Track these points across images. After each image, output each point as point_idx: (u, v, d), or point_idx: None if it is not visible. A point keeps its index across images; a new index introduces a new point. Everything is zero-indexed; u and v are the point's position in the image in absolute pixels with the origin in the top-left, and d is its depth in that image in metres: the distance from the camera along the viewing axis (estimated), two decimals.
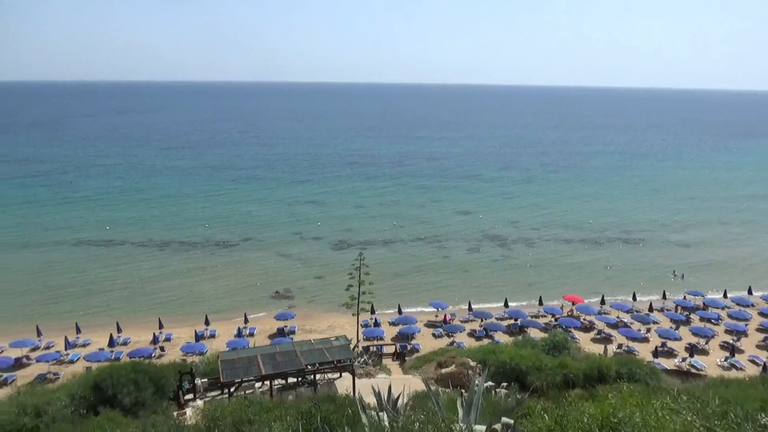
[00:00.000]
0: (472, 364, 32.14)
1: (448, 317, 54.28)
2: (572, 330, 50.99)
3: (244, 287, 62.84)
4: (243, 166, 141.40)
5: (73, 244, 77.33)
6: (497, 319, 54.13)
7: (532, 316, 54.97)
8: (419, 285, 64.35)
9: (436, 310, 55.58)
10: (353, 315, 48.93)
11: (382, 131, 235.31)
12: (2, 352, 46.58)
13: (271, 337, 49.78)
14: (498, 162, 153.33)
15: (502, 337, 49.44)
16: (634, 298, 59.08)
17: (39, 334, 49.20)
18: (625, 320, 54.09)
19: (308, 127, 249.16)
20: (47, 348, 47.66)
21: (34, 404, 21.40)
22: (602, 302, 57.70)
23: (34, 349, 47.36)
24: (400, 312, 55.17)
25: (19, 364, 44.60)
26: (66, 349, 46.74)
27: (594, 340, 50.49)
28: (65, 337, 47.98)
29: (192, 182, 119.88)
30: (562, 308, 56.85)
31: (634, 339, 49.50)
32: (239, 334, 49.60)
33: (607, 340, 50.50)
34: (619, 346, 48.59)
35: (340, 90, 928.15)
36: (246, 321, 51.92)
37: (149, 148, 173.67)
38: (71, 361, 45.03)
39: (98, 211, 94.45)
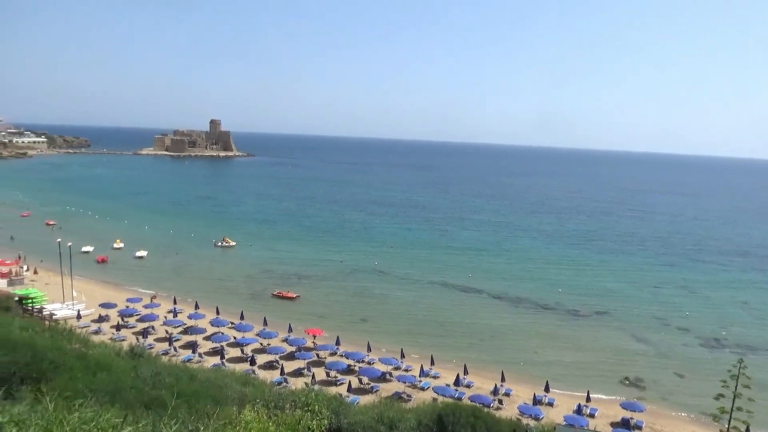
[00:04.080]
0: None
1: None
2: None
3: (590, 363, 59.26)
4: (610, 238, 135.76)
5: (440, 285, 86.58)
6: None
7: None
8: None
9: None
10: (720, 431, 40.71)
11: None
12: (373, 364, 54.58)
13: (613, 425, 45.38)
14: None
15: None
16: None
17: (402, 356, 56.06)
18: None
19: (696, 205, 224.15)
20: (406, 370, 53.84)
21: (390, 417, 24.13)
22: None
23: (396, 368, 54.12)
24: None
25: (383, 378, 51.58)
26: (419, 376, 51.93)
27: None
28: (421, 365, 53.43)
29: (554, 247, 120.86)
30: None
31: None
32: (578, 410, 46.74)
33: None
34: None
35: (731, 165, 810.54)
36: (588, 399, 48.66)
37: (520, 210, 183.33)
38: (422, 388, 49.77)
39: (464, 260, 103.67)
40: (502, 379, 51.67)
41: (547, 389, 49.93)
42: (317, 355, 56.23)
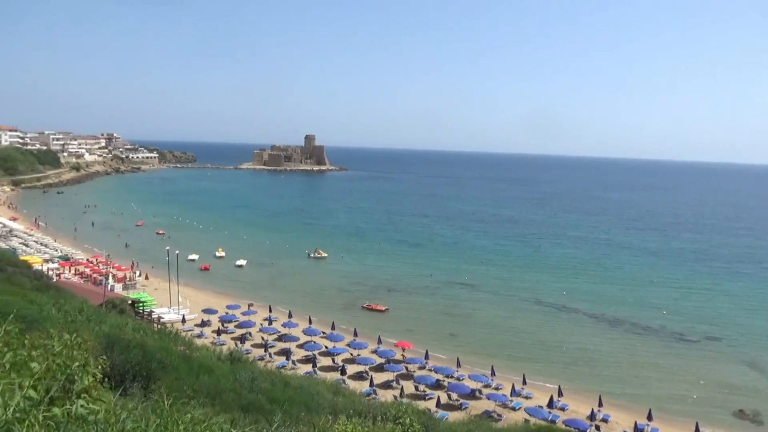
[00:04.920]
0: None
1: None
2: None
3: (699, 392, 54.78)
4: (723, 258, 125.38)
5: (533, 302, 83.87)
6: None
7: None
8: None
9: None
10: None
11: None
12: (462, 380, 53.67)
13: None
14: None
15: None
16: None
17: (493, 373, 54.69)
18: None
19: None
20: (496, 389, 52.42)
21: None
22: None
23: (486, 386, 52.85)
24: None
25: (472, 395, 50.54)
26: (511, 396, 50.38)
27: None
28: (513, 384, 51.84)
29: (658, 266, 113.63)
30: None
31: None
32: None
33: None
34: None
35: None
36: (697, 431, 45.05)
37: (620, 225, 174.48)
38: (513, 409, 48.21)
39: (559, 278, 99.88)
40: (600, 404, 49.02)
41: (650, 418, 46.72)
42: (406, 368, 56.17)
